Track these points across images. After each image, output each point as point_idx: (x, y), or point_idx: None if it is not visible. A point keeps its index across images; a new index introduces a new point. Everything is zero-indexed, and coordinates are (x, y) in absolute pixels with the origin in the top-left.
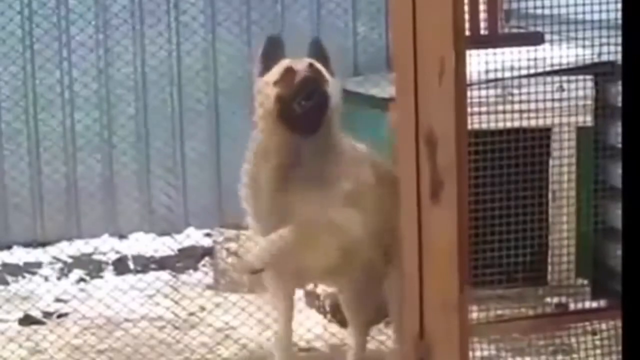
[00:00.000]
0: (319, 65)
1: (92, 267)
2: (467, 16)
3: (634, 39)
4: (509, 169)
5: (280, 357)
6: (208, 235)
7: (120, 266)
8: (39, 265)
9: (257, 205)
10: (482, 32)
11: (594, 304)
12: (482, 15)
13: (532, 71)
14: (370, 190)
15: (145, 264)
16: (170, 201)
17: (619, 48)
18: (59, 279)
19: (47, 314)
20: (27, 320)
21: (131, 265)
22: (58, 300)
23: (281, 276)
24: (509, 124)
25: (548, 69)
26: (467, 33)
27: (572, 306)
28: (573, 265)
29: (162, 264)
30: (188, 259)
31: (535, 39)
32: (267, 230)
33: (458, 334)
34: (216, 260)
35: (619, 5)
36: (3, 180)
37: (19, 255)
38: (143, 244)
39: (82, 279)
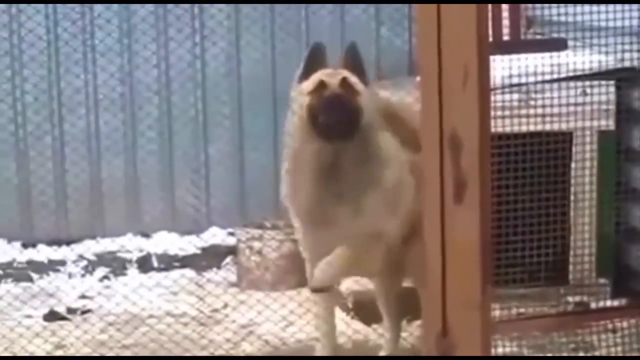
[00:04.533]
0: (352, 79)
1: (116, 264)
2: (490, 22)
3: None
4: (531, 171)
5: (327, 349)
6: (231, 234)
7: (144, 264)
8: (63, 262)
9: (298, 208)
10: (505, 38)
11: (615, 303)
12: (505, 22)
13: (554, 76)
14: (407, 186)
15: (169, 262)
16: (194, 200)
17: None
18: (83, 276)
19: (72, 310)
20: (52, 316)
21: (155, 264)
22: (83, 296)
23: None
24: (531, 128)
25: (570, 74)
26: (490, 39)
27: (592, 305)
28: (594, 265)
29: (185, 262)
30: (212, 257)
31: (559, 45)
32: (309, 235)
33: (480, 331)
34: (240, 258)
35: None
36: (30, 180)
37: (44, 253)
38: (167, 242)
39: (105, 277)
